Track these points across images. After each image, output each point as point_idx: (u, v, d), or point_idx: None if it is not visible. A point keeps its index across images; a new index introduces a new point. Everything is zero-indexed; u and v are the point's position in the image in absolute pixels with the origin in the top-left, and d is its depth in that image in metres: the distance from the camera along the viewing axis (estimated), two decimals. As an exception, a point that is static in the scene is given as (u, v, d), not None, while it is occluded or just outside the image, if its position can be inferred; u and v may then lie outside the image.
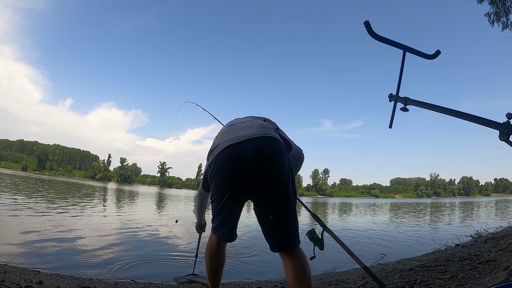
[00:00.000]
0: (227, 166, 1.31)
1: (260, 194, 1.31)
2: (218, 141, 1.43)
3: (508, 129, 1.00)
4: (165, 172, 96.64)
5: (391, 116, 1.64)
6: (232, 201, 1.36)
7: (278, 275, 3.37)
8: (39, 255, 3.61)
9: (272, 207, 1.29)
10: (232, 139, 1.35)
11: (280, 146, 1.35)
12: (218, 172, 1.34)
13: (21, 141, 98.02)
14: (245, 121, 1.52)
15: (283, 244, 1.29)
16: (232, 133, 1.41)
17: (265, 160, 1.27)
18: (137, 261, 3.80)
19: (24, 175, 46.36)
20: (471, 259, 2.99)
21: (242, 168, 1.27)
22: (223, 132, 1.47)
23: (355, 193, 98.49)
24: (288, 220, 1.29)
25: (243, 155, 1.28)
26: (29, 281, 2.22)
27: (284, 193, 1.28)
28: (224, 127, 1.57)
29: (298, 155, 1.62)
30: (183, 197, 29.55)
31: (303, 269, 1.26)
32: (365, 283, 2.57)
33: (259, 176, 1.27)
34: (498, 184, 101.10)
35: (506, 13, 6.74)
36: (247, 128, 1.41)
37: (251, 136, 1.33)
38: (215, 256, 1.55)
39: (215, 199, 1.40)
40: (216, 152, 1.37)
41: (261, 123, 1.47)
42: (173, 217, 10.38)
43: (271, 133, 1.39)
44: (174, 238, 5.81)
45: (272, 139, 1.35)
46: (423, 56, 1.60)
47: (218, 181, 1.35)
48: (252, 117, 1.60)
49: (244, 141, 1.32)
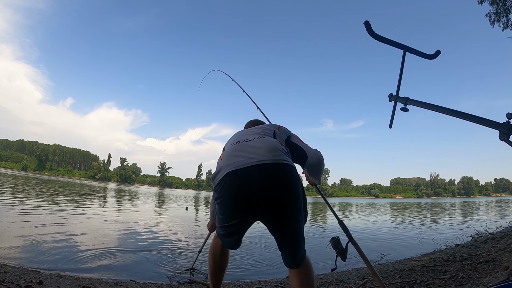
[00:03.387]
0: (233, 194, 1.24)
1: (270, 220, 1.30)
2: (221, 164, 1.31)
3: (508, 129, 1.00)
4: (165, 172, 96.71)
5: (391, 116, 1.64)
6: (238, 226, 1.35)
7: (278, 275, 3.37)
8: (39, 255, 3.60)
9: (282, 232, 1.29)
10: (238, 164, 1.24)
11: (292, 172, 1.26)
12: (224, 199, 1.28)
13: (21, 141, 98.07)
14: (253, 138, 1.39)
15: (291, 263, 1.32)
16: (238, 155, 1.29)
17: (276, 189, 1.21)
18: (137, 261, 3.80)
19: (24, 175, 46.34)
20: (471, 259, 2.99)
21: (251, 197, 1.21)
22: (228, 154, 1.33)
23: (355, 193, 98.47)
24: (297, 244, 1.30)
25: (251, 183, 1.20)
26: (29, 281, 2.22)
27: (294, 221, 1.26)
28: (228, 145, 1.43)
29: (316, 162, 1.50)
30: (183, 197, 29.55)
31: (307, 280, 1.29)
32: (365, 283, 2.57)
33: (270, 205, 1.23)
34: (498, 184, 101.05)
35: (507, 13, 6.74)
36: (256, 150, 1.29)
37: (260, 161, 1.22)
38: (219, 256, 1.56)
39: (220, 219, 1.37)
40: (219, 177, 1.27)
41: (270, 144, 1.33)
42: (172, 217, 10.37)
43: (283, 158, 1.27)
44: (174, 237, 5.80)
45: (284, 166, 1.25)
46: (423, 56, 1.60)
47: (224, 207, 1.31)
48: (260, 131, 1.45)
49: (252, 166, 1.21)
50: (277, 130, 1.53)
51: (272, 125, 1.60)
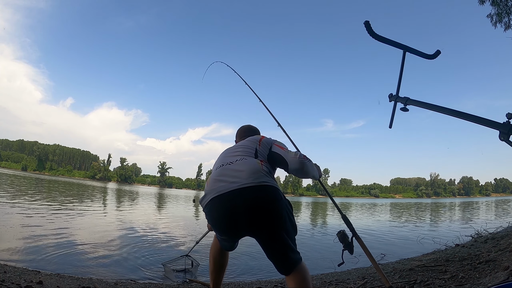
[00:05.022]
0: (218, 218, 1.35)
1: (257, 238, 1.37)
2: (207, 189, 1.39)
3: (508, 129, 1.00)
4: (165, 172, 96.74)
5: (391, 116, 1.64)
6: (230, 240, 1.53)
7: (278, 275, 3.36)
8: (39, 255, 3.60)
9: (270, 248, 1.35)
10: (220, 189, 1.31)
11: (273, 193, 1.32)
12: (211, 222, 1.41)
13: (21, 141, 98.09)
14: (235, 160, 1.43)
15: (285, 270, 1.36)
16: (221, 180, 1.35)
17: (259, 211, 1.28)
18: (137, 260, 3.80)
19: (24, 175, 46.36)
20: (471, 259, 2.99)
21: (235, 220, 1.30)
22: (212, 179, 1.40)
23: (355, 193, 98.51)
24: (286, 254, 1.34)
25: (234, 207, 1.28)
26: (29, 281, 2.22)
27: (278, 238, 1.32)
28: (214, 168, 1.51)
29: (298, 167, 1.47)
30: (183, 197, 29.55)
31: (302, 284, 1.32)
32: (365, 283, 2.57)
33: (254, 226, 1.32)
34: (498, 184, 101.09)
35: (508, 14, 6.74)
36: (237, 174, 1.34)
37: (241, 185, 1.28)
38: (219, 256, 1.63)
39: (214, 231, 1.54)
40: (205, 202, 1.38)
41: (251, 166, 1.37)
42: (172, 217, 10.38)
43: (263, 180, 1.32)
44: (175, 238, 5.80)
45: (264, 188, 1.30)
46: (423, 56, 1.60)
47: (214, 227, 1.45)
48: (243, 151, 1.50)
49: (234, 191, 1.28)
50: (258, 146, 1.54)
51: (254, 141, 1.59)
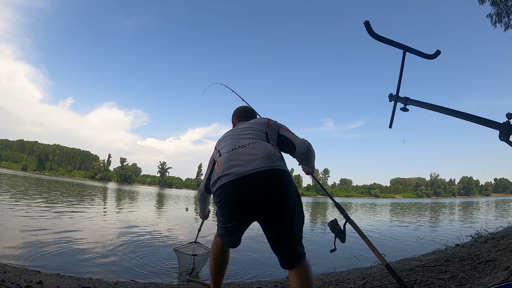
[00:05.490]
0: (231, 202, 1.35)
1: (266, 222, 1.37)
2: (219, 172, 1.38)
3: (508, 129, 1.00)
4: (165, 172, 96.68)
5: (391, 116, 1.65)
6: (237, 227, 1.46)
7: (278, 275, 3.37)
8: (39, 255, 3.61)
9: (278, 234, 1.36)
10: (236, 173, 1.32)
11: (286, 179, 1.35)
12: (223, 204, 1.38)
13: (21, 141, 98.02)
14: (248, 143, 1.43)
15: (289, 264, 1.37)
16: (235, 165, 1.35)
17: (272, 192, 1.30)
18: (137, 260, 3.80)
19: (24, 175, 46.35)
20: (471, 259, 2.99)
21: (248, 202, 1.31)
22: (225, 161, 1.39)
23: (355, 193, 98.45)
24: (292, 244, 1.36)
25: (248, 191, 1.30)
26: (29, 281, 2.22)
27: (289, 223, 1.34)
28: (224, 150, 1.47)
29: (305, 151, 1.53)
30: (183, 197, 29.54)
31: (305, 281, 1.32)
32: (365, 283, 2.57)
33: (266, 208, 1.31)
34: (498, 184, 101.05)
35: (508, 13, 6.73)
36: (252, 157, 1.35)
37: (257, 169, 1.30)
38: (220, 256, 1.61)
39: (220, 220, 1.48)
40: (218, 184, 1.36)
41: (265, 150, 1.39)
42: (173, 216, 10.37)
43: (277, 164, 1.36)
44: (175, 238, 5.80)
45: (278, 172, 1.34)
46: (423, 56, 1.61)
47: (223, 210, 1.41)
48: (254, 134, 1.49)
49: (249, 175, 1.30)
50: (267, 129, 1.55)
51: (262, 123, 1.59)
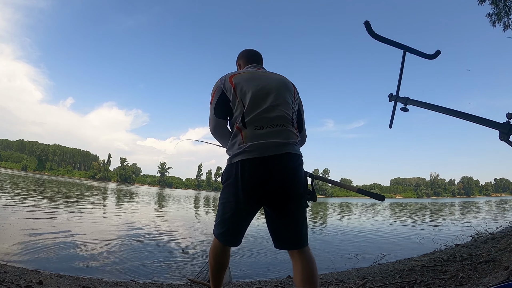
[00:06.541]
0: (249, 178, 1.33)
1: (277, 204, 1.38)
2: (243, 145, 1.34)
3: (508, 129, 1.00)
4: (165, 172, 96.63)
5: (391, 116, 1.65)
6: (245, 212, 1.39)
7: (278, 275, 3.37)
8: (39, 255, 3.61)
9: (288, 216, 1.39)
10: (261, 152, 1.32)
11: (299, 162, 1.43)
12: (235, 183, 1.34)
13: (21, 141, 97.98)
14: (275, 124, 1.39)
15: (299, 243, 1.38)
16: (261, 145, 1.33)
17: (286, 178, 1.35)
18: (137, 260, 3.81)
19: (24, 175, 46.35)
20: (471, 259, 2.99)
21: (263, 184, 1.33)
22: (251, 136, 1.35)
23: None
24: (301, 225, 1.40)
25: (266, 171, 1.33)
26: (29, 281, 2.22)
27: (299, 204, 1.40)
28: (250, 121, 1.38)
29: (303, 141, 1.70)
30: (183, 197, 29.54)
31: (311, 269, 1.32)
32: (365, 283, 2.57)
33: (279, 190, 1.35)
34: (498, 184, 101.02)
35: (507, 13, 6.73)
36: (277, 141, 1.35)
37: (277, 151, 1.35)
38: (220, 256, 1.56)
39: (225, 204, 1.40)
40: (239, 159, 1.33)
41: (290, 135, 1.40)
42: (172, 217, 10.37)
43: (296, 150, 1.42)
44: (175, 238, 5.80)
45: (294, 157, 1.40)
46: (423, 56, 1.60)
47: (233, 189, 1.36)
48: (282, 109, 1.43)
49: (270, 157, 1.33)
50: (293, 102, 1.53)
51: (290, 91, 1.54)
